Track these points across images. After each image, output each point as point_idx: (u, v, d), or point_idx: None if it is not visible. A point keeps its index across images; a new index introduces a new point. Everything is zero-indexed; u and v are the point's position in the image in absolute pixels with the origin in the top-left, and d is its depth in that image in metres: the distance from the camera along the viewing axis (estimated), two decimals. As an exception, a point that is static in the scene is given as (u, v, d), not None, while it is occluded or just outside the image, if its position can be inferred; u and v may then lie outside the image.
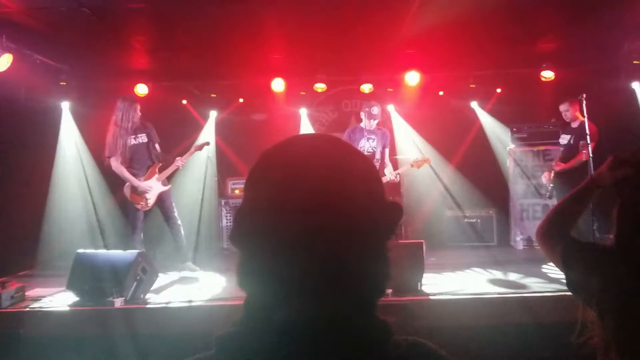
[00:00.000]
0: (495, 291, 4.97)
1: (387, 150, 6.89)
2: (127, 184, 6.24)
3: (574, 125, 6.77)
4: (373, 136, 6.78)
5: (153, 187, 6.24)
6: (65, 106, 7.96)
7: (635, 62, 7.35)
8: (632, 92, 7.72)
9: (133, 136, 6.23)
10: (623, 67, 7.53)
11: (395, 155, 7.56)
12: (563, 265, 1.86)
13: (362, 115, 6.69)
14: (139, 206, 6.22)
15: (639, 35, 6.87)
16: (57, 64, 7.36)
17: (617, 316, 1.69)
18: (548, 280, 5.31)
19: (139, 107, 6.28)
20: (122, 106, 6.16)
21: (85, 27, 5.89)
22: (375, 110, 6.57)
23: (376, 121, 6.62)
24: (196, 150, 6.65)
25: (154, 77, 7.99)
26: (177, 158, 6.42)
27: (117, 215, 7.66)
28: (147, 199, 6.20)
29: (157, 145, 6.47)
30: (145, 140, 6.31)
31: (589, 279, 1.79)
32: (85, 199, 7.92)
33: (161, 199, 6.34)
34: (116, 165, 6.16)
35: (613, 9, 5.88)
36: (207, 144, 6.84)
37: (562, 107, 6.88)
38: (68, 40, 6.45)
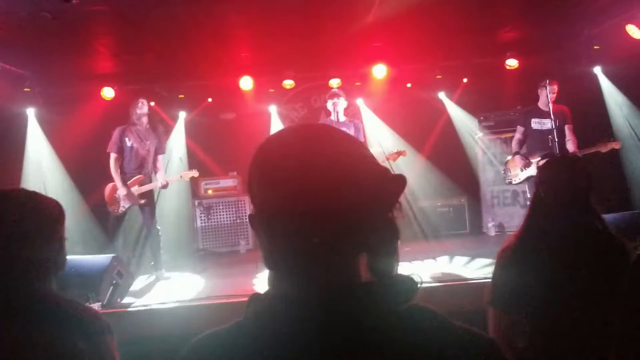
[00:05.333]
0: (471, 277, 5.05)
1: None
2: (111, 184, 6.16)
3: (553, 108, 6.27)
4: (345, 128, 6.68)
5: (130, 197, 6.14)
6: (31, 113, 7.81)
7: (595, 47, 7.52)
8: (594, 77, 7.91)
9: (139, 140, 6.18)
10: (584, 53, 7.70)
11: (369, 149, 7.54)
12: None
13: (328, 104, 6.36)
14: (110, 209, 6.15)
15: (598, 21, 7.04)
16: (20, 70, 7.21)
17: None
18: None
19: (141, 103, 6.24)
20: (132, 104, 6.22)
21: (47, 31, 5.79)
22: (335, 89, 6.51)
23: (342, 100, 6.29)
24: (183, 177, 6.63)
25: (120, 80, 7.87)
26: (163, 179, 6.32)
27: (88, 221, 7.55)
28: (120, 206, 6.13)
29: (160, 157, 6.43)
30: (148, 148, 6.24)
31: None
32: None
33: (141, 208, 6.24)
34: (114, 164, 6.12)
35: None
36: (195, 174, 6.68)
37: (555, 87, 6.35)
38: (30, 45, 6.32)
